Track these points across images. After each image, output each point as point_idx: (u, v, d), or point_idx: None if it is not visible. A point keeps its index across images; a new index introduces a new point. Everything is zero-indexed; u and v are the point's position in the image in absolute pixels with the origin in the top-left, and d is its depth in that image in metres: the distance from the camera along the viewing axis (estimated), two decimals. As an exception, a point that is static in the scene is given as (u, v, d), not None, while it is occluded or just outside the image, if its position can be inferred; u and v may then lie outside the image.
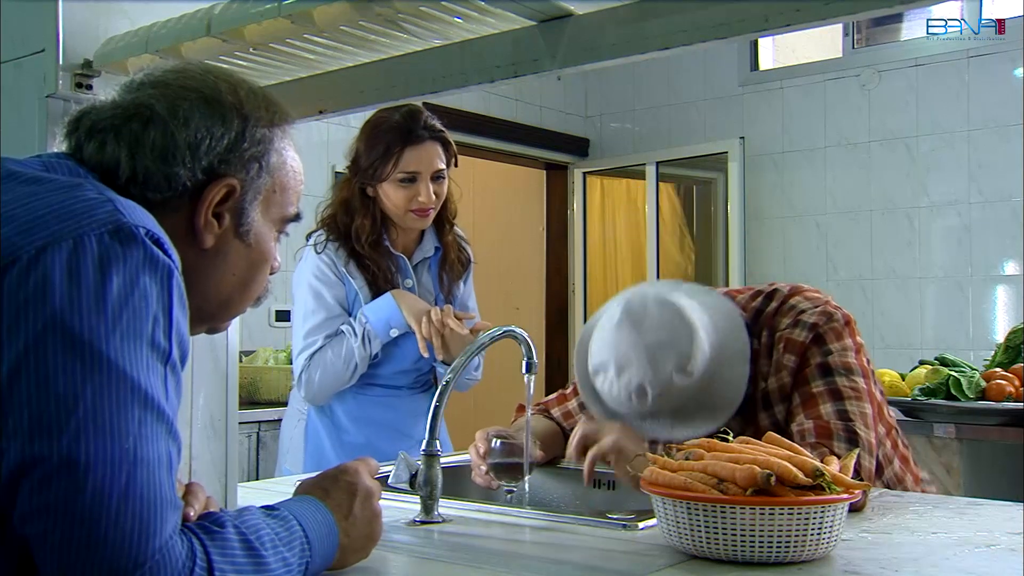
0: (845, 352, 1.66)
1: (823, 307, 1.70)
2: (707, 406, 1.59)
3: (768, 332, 1.71)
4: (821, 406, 1.61)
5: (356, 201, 2.24)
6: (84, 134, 1.01)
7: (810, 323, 1.68)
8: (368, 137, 2.23)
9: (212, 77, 1.06)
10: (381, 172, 2.19)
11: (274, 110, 1.09)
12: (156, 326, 0.88)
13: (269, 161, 1.07)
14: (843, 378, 1.63)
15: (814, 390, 1.63)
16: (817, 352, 1.66)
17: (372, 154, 2.20)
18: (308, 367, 2.20)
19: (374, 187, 2.22)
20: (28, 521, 0.82)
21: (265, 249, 1.10)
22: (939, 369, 3.26)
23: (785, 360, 1.67)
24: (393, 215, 2.24)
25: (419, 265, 2.33)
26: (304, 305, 2.24)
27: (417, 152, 2.19)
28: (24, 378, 0.82)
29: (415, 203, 2.20)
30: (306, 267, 2.25)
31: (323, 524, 1.05)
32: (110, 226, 0.87)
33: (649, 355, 1.53)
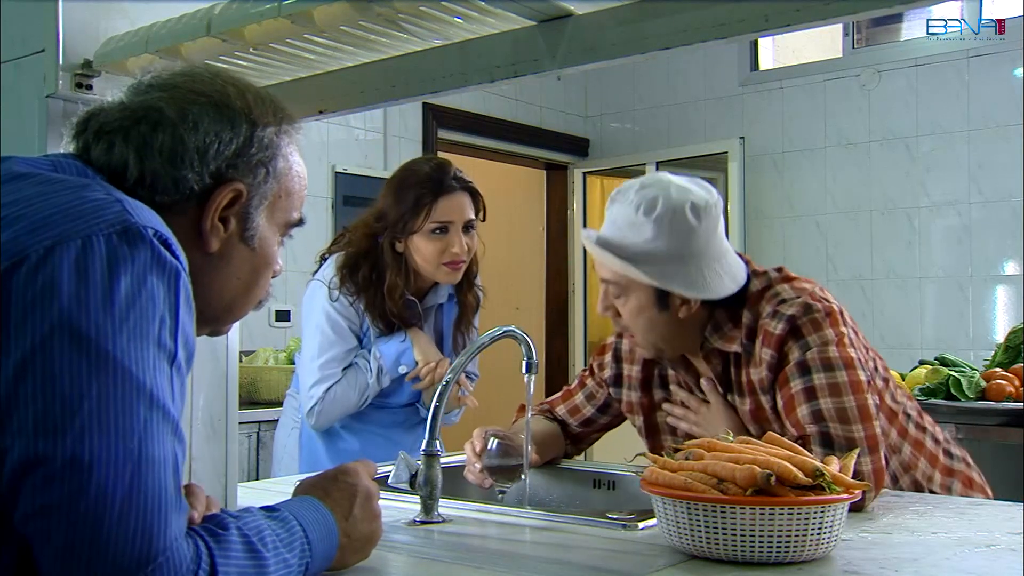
0: (825, 346, 1.61)
1: (804, 298, 1.66)
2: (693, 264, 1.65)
3: (751, 314, 1.69)
4: (797, 409, 1.59)
5: (387, 256, 2.21)
6: (92, 135, 1.02)
7: (788, 315, 1.64)
8: (397, 190, 2.21)
9: (221, 81, 1.07)
10: (412, 224, 2.17)
11: (281, 116, 1.09)
12: (163, 327, 0.88)
13: (276, 166, 1.07)
14: (820, 375, 1.59)
15: (792, 391, 1.61)
16: (795, 347, 1.62)
17: (402, 206, 2.18)
18: (324, 399, 2.20)
19: (404, 241, 2.20)
20: (31, 520, 0.82)
21: (269, 253, 1.10)
22: (939, 369, 3.26)
23: (763, 354, 1.65)
24: (423, 269, 2.22)
25: (428, 310, 2.33)
26: (321, 335, 2.23)
27: (449, 202, 2.19)
28: (30, 377, 0.82)
29: (448, 255, 2.19)
30: (319, 300, 2.24)
31: (323, 525, 1.05)
32: (118, 226, 0.88)
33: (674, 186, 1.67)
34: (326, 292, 2.23)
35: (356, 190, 4.62)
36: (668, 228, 1.63)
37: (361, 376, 2.21)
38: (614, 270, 1.68)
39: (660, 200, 1.64)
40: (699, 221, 1.65)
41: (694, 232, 1.65)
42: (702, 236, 1.65)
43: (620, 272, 1.67)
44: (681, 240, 1.64)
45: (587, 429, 2.02)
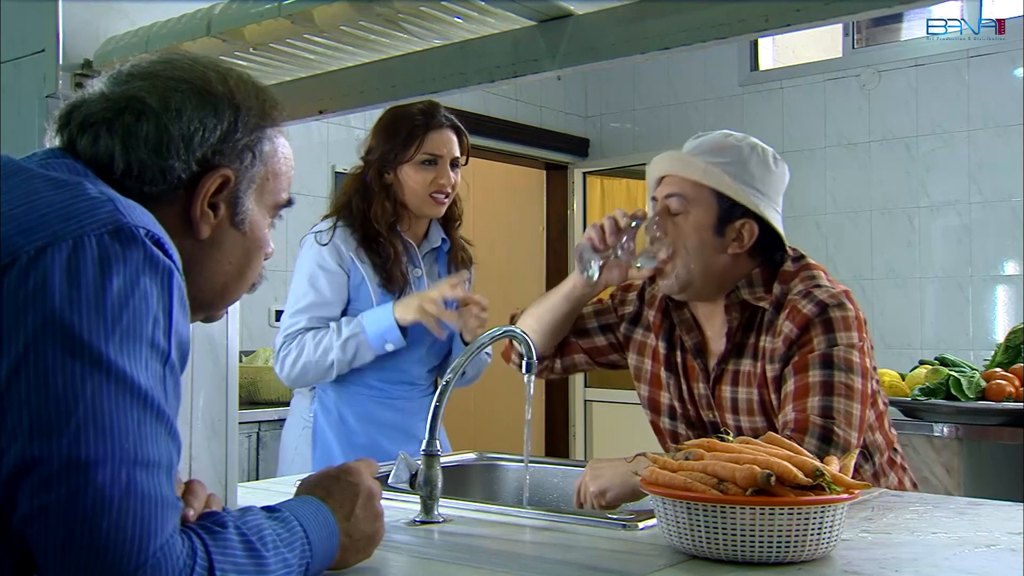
0: (851, 348, 1.63)
1: (840, 293, 1.69)
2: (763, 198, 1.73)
3: (781, 287, 1.72)
4: (810, 398, 1.60)
5: (375, 186, 2.28)
6: (77, 128, 1.01)
7: (819, 299, 1.65)
8: (387, 125, 2.31)
9: (201, 67, 1.06)
10: (403, 155, 2.26)
11: (264, 99, 1.08)
12: (156, 327, 0.87)
13: (262, 150, 1.07)
14: (841, 373, 1.60)
15: (810, 380, 1.61)
16: (822, 337, 1.63)
17: (394, 140, 2.28)
18: (284, 345, 2.23)
19: (393, 172, 2.28)
20: (29, 522, 0.82)
21: (260, 236, 1.10)
22: (939, 369, 3.26)
23: (784, 327, 1.66)
24: (411, 201, 2.29)
25: (427, 255, 2.37)
26: (298, 287, 2.27)
27: (439, 135, 2.30)
28: (23, 378, 0.82)
29: (435, 185, 2.27)
30: (307, 255, 2.28)
31: (324, 525, 1.05)
32: (110, 226, 0.87)
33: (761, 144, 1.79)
34: (315, 250, 2.26)
35: (356, 190, 4.61)
36: (754, 156, 1.74)
37: (328, 336, 2.19)
38: (693, 183, 1.72)
39: (749, 138, 1.77)
40: (777, 168, 1.78)
41: (773, 173, 1.76)
42: (775, 181, 1.77)
43: (698, 178, 1.72)
44: (761, 172, 1.74)
45: (580, 340, 1.97)
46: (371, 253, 2.26)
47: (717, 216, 1.71)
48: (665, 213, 1.74)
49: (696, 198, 1.72)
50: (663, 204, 1.75)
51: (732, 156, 1.72)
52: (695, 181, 1.72)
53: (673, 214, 1.73)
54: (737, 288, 1.73)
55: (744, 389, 1.73)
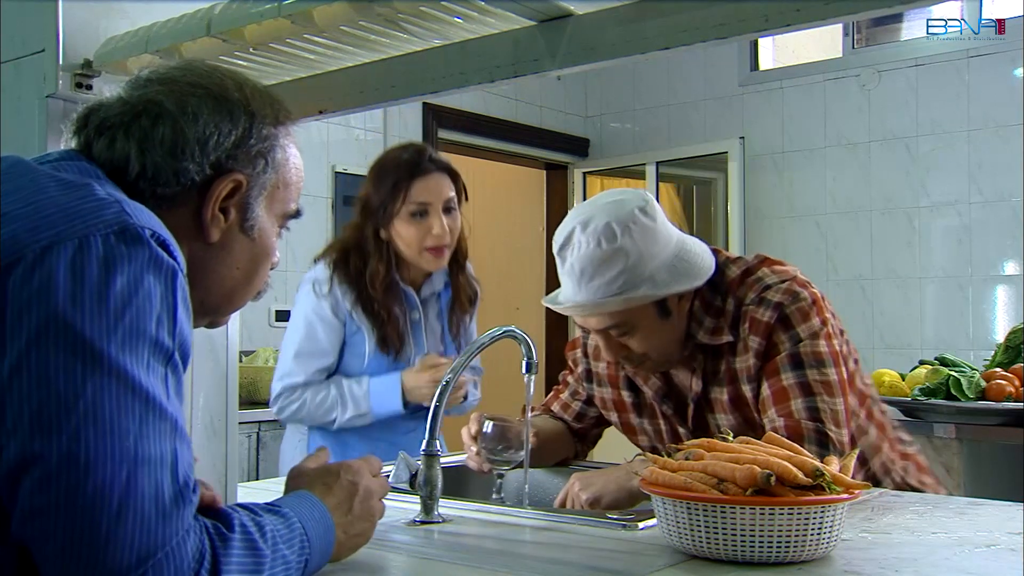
0: (815, 339, 1.62)
1: (789, 283, 1.66)
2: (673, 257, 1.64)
3: (733, 300, 1.68)
4: (792, 401, 1.59)
5: (370, 244, 2.23)
6: (93, 131, 1.02)
7: (775, 302, 1.64)
8: (376, 177, 2.24)
9: (219, 75, 1.08)
10: (391, 208, 2.19)
11: (278, 108, 1.10)
12: (159, 326, 0.88)
13: (274, 157, 1.08)
14: (814, 371, 1.60)
15: (784, 383, 1.61)
16: (785, 337, 1.62)
17: (382, 191, 2.20)
18: (283, 396, 2.24)
19: (387, 228, 2.22)
20: (29, 519, 0.82)
21: (268, 244, 1.11)
22: (939, 369, 3.26)
23: (750, 342, 1.65)
24: (408, 256, 2.23)
25: (427, 299, 2.34)
26: (296, 334, 2.25)
27: (425, 183, 2.20)
28: (25, 375, 0.82)
29: (429, 239, 2.19)
30: (305, 302, 2.26)
31: (322, 522, 1.05)
32: (116, 227, 0.88)
33: (606, 204, 1.64)
34: (313, 301, 2.24)
35: (356, 190, 4.54)
36: (635, 241, 1.61)
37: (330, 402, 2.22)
38: (615, 312, 1.64)
39: (611, 224, 1.61)
40: (653, 219, 1.64)
41: (655, 231, 1.64)
42: (663, 230, 1.66)
43: (623, 310, 1.63)
44: (650, 242, 1.62)
45: (583, 424, 2.01)
46: (367, 313, 2.23)
47: (657, 310, 1.65)
48: (611, 340, 1.69)
49: (630, 317, 1.65)
50: (603, 334, 1.69)
51: (622, 262, 1.60)
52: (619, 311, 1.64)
53: (621, 336, 1.68)
54: (692, 334, 1.70)
55: (722, 416, 1.72)
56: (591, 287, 1.62)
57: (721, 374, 1.71)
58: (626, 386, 1.86)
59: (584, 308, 1.64)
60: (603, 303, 1.62)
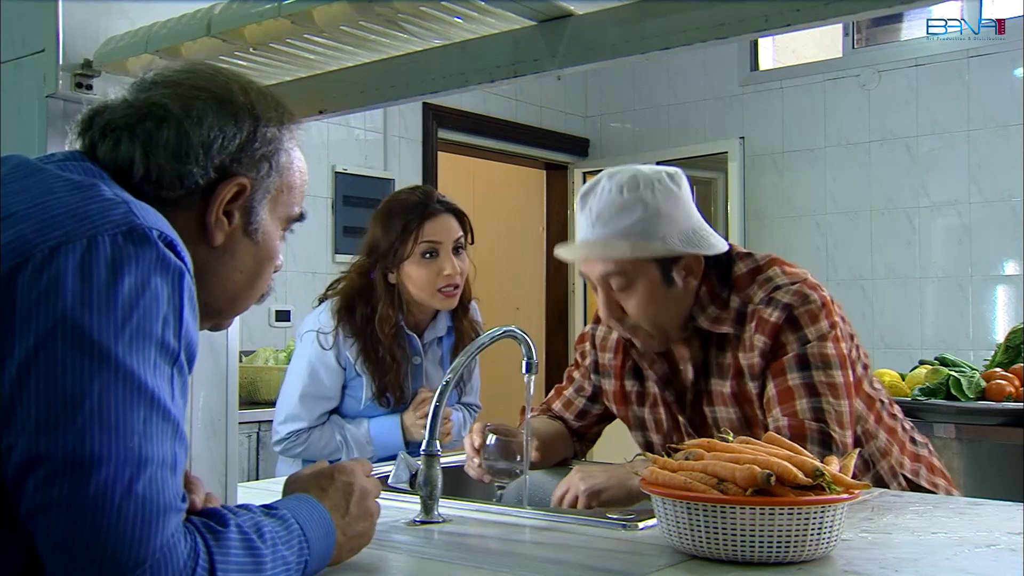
0: (823, 341, 1.62)
1: (800, 286, 1.66)
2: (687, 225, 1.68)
3: (739, 297, 1.69)
4: (797, 401, 1.59)
5: (380, 289, 2.23)
6: (98, 133, 1.03)
7: (784, 303, 1.64)
8: (383, 220, 2.24)
9: (223, 77, 1.08)
10: (402, 251, 2.19)
11: (282, 111, 1.11)
12: (166, 327, 0.88)
13: (279, 161, 1.09)
14: (820, 372, 1.60)
15: (790, 383, 1.61)
16: (793, 338, 1.62)
17: (391, 235, 2.20)
18: (288, 440, 2.24)
19: (396, 271, 2.22)
20: (33, 517, 0.83)
21: (272, 247, 1.11)
22: (939, 369, 3.26)
23: (756, 340, 1.65)
24: (419, 298, 2.23)
25: (429, 344, 2.34)
26: (299, 379, 2.25)
27: (435, 224, 2.21)
28: (33, 375, 0.82)
29: (441, 279, 2.20)
30: (308, 350, 2.25)
31: (321, 524, 1.05)
32: (124, 227, 0.88)
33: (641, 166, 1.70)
34: (314, 341, 2.24)
35: (356, 190, 4.62)
36: (656, 197, 1.65)
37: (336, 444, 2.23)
38: (621, 258, 1.65)
39: (638, 176, 1.66)
40: (679, 187, 1.69)
41: (679, 197, 1.68)
42: (685, 200, 1.69)
43: (628, 257, 1.65)
44: (671, 204, 1.66)
45: (584, 423, 2.01)
46: (369, 363, 2.23)
47: (660, 272, 1.67)
48: (610, 294, 1.69)
49: (633, 270, 1.66)
50: (603, 286, 1.69)
51: (639, 211, 1.63)
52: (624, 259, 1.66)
53: (620, 291, 1.68)
54: (692, 316, 1.70)
55: (722, 408, 1.72)
56: (605, 229, 1.65)
57: (725, 367, 1.71)
58: (631, 375, 1.87)
59: (592, 247, 1.67)
60: (611, 244, 1.65)
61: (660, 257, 1.66)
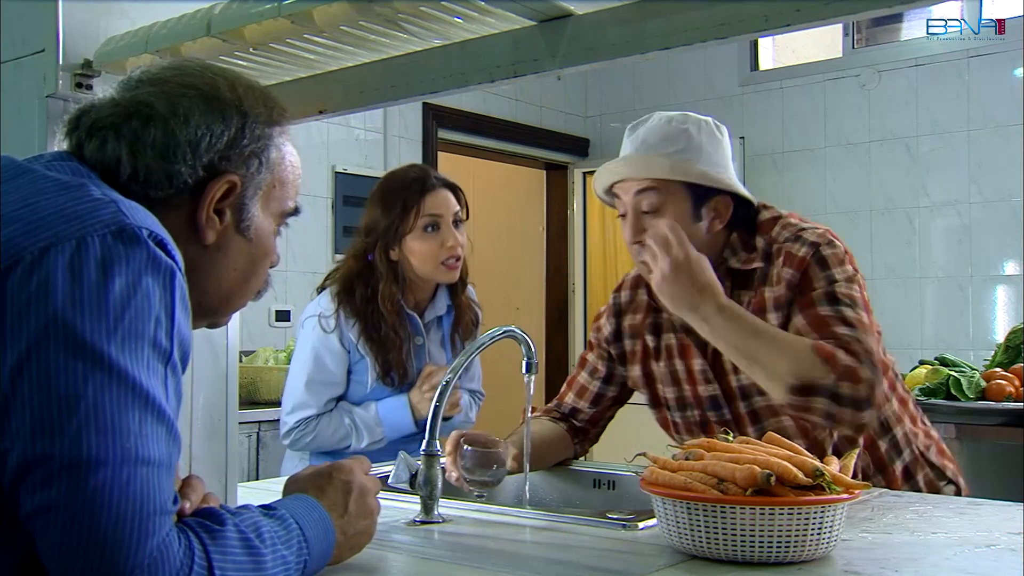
0: (850, 283, 1.66)
1: (824, 231, 1.74)
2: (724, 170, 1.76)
3: (764, 239, 1.75)
4: (834, 327, 1.61)
5: (381, 266, 2.24)
6: (84, 132, 1.02)
7: (811, 241, 1.70)
8: (382, 198, 2.27)
9: (210, 74, 1.07)
10: (404, 226, 2.21)
11: (271, 106, 1.09)
12: (158, 327, 0.88)
13: (269, 157, 1.08)
14: (848, 309, 1.63)
15: (822, 313, 1.63)
16: (821, 275, 1.66)
17: (391, 212, 2.22)
18: (298, 429, 2.24)
19: (398, 248, 2.23)
20: (31, 520, 0.82)
21: (266, 243, 1.10)
22: (939, 369, 3.26)
23: (784, 273, 1.69)
24: (422, 272, 2.25)
25: (430, 323, 2.35)
26: (304, 367, 2.26)
27: (435, 197, 2.24)
28: (26, 378, 0.82)
29: (444, 251, 2.22)
30: (311, 337, 2.26)
31: (320, 523, 1.05)
32: (113, 227, 0.87)
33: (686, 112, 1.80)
34: (315, 326, 2.25)
35: (356, 190, 4.61)
36: (701, 134, 1.74)
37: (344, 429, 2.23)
38: (658, 176, 1.71)
39: (687, 115, 1.77)
40: (722, 136, 1.79)
41: (721, 143, 1.77)
42: (726, 149, 1.78)
43: (666, 175, 1.70)
44: (713, 146, 1.75)
45: (598, 407, 2.00)
46: (371, 342, 2.24)
47: (692, 203, 1.73)
48: (639, 214, 1.73)
49: (667, 193, 1.72)
50: (634, 204, 1.73)
51: (684, 142, 1.73)
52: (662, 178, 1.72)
53: (647, 212, 1.72)
54: (724, 259, 1.76)
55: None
56: (651, 144, 1.74)
57: (747, 303, 1.72)
58: (650, 330, 1.89)
59: (634, 162, 1.74)
60: (653, 161, 1.72)
61: (694, 188, 1.72)
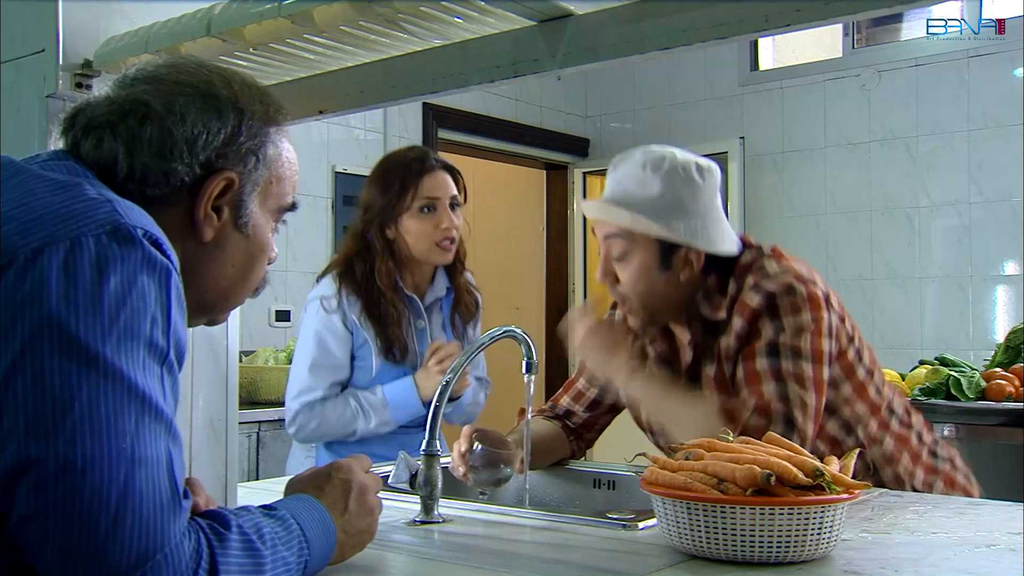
0: (798, 334, 1.61)
1: (788, 277, 1.65)
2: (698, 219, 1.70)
3: (736, 285, 1.71)
4: (763, 384, 1.60)
5: (377, 244, 2.26)
6: (80, 131, 1.01)
7: (767, 291, 1.64)
8: (380, 177, 2.29)
9: (206, 71, 1.06)
10: (400, 206, 2.23)
11: (268, 103, 1.09)
12: (154, 326, 0.87)
13: (266, 153, 1.07)
14: (788, 361, 1.60)
15: (758, 367, 1.61)
16: (769, 326, 1.63)
17: (389, 191, 2.25)
18: (302, 414, 2.24)
19: (394, 227, 2.25)
20: (28, 523, 0.82)
21: (263, 240, 1.10)
22: (939, 369, 3.26)
23: (735, 323, 1.67)
24: (416, 251, 2.26)
25: (431, 306, 2.36)
26: (308, 351, 2.26)
27: (433, 179, 2.26)
28: (20, 379, 0.82)
29: (439, 232, 2.24)
30: (314, 319, 2.27)
31: (320, 523, 1.05)
32: (108, 227, 0.87)
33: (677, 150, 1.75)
34: (318, 308, 2.26)
35: (356, 190, 4.57)
36: (675, 183, 1.68)
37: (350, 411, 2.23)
38: (622, 225, 1.69)
39: (666, 158, 1.71)
40: (703, 180, 1.72)
41: (700, 189, 1.71)
42: (706, 194, 1.72)
43: (628, 227, 1.68)
44: (687, 195, 1.69)
45: (593, 413, 2.01)
46: (372, 319, 2.25)
47: (659, 254, 1.69)
48: (608, 258, 1.73)
49: (633, 243, 1.69)
50: (604, 247, 1.73)
51: (655, 191, 1.68)
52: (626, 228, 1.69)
53: (617, 259, 1.71)
54: (696, 305, 1.73)
55: (708, 393, 1.73)
56: (622, 190, 1.71)
57: (712, 352, 1.73)
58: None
59: (601, 208, 1.74)
60: (616, 210, 1.70)
61: (662, 243, 1.68)
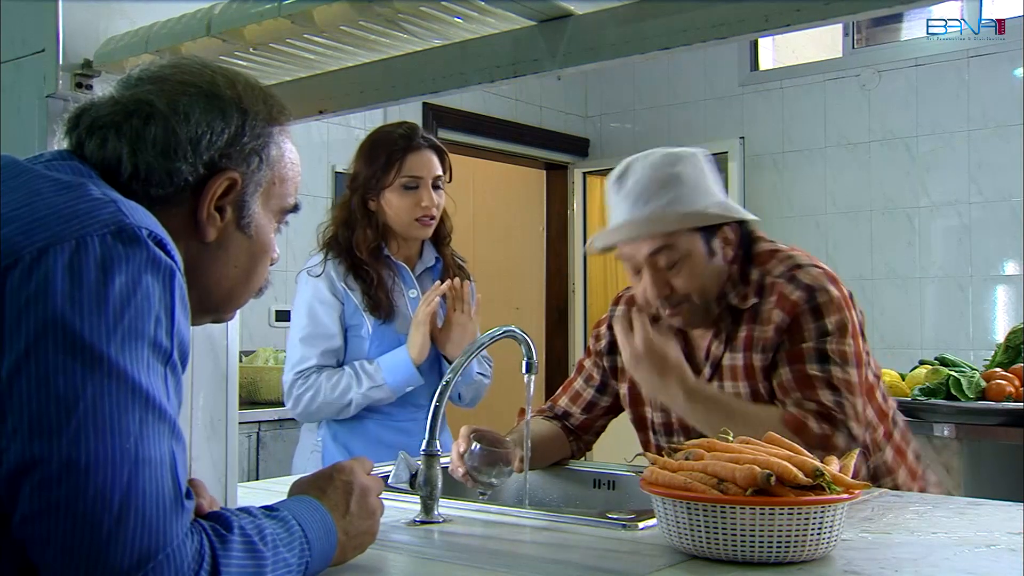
0: (843, 336, 1.64)
1: (822, 272, 1.70)
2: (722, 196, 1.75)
3: (760, 271, 1.73)
4: (819, 391, 1.62)
5: (358, 213, 2.30)
6: (85, 131, 1.02)
7: (806, 283, 1.67)
8: (369, 151, 2.32)
9: (209, 72, 1.07)
10: (384, 180, 2.27)
11: (271, 103, 1.09)
12: (158, 326, 0.88)
13: (269, 154, 1.08)
14: (838, 368, 1.63)
15: (809, 372, 1.63)
16: (812, 326, 1.64)
17: (375, 164, 2.28)
18: (297, 384, 2.25)
19: (377, 199, 2.29)
20: (31, 522, 0.82)
21: (266, 240, 1.11)
22: (939, 369, 3.26)
23: (774, 314, 1.67)
24: (396, 225, 2.30)
25: (422, 275, 2.39)
26: (299, 322, 2.29)
27: (419, 158, 2.29)
28: (24, 378, 0.82)
29: (419, 209, 2.27)
30: (303, 290, 2.31)
31: (321, 524, 1.05)
32: (113, 227, 0.87)
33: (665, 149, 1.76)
34: (310, 284, 2.29)
35: (356, 190, 4.61)
36: (690, 172, 1.70)
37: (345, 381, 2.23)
38: (668, 235, 1.68)
39: (668, 154, 1.72)
40: (705, 163, 1.76)
41: (705, 171, 1.75)
42: (712, 176, 1.76)
43: (676, 228, 1.67)
44: (701, 178, 1.72)
45: (590, 415, 2.01)
46: (358, 280, 2.28)
47: (703, 243, 1.71)
48: (658, 271, 1.70)
49: (679, 242, 1.69)
50: (651, 264, 1.70)
51: (679, 185, 1.69)
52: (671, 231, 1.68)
53: (669, 267, 1.70)
54: (725, 294, 1.74)
55: (730, 383, 1.73)
56: (649, 205, 1.68)
57: (738, 340, 1.73)
58: None
59: (638, 225, 1.69)
60: (661, 218, 1.67)
61: (702, 228, 1.70)
